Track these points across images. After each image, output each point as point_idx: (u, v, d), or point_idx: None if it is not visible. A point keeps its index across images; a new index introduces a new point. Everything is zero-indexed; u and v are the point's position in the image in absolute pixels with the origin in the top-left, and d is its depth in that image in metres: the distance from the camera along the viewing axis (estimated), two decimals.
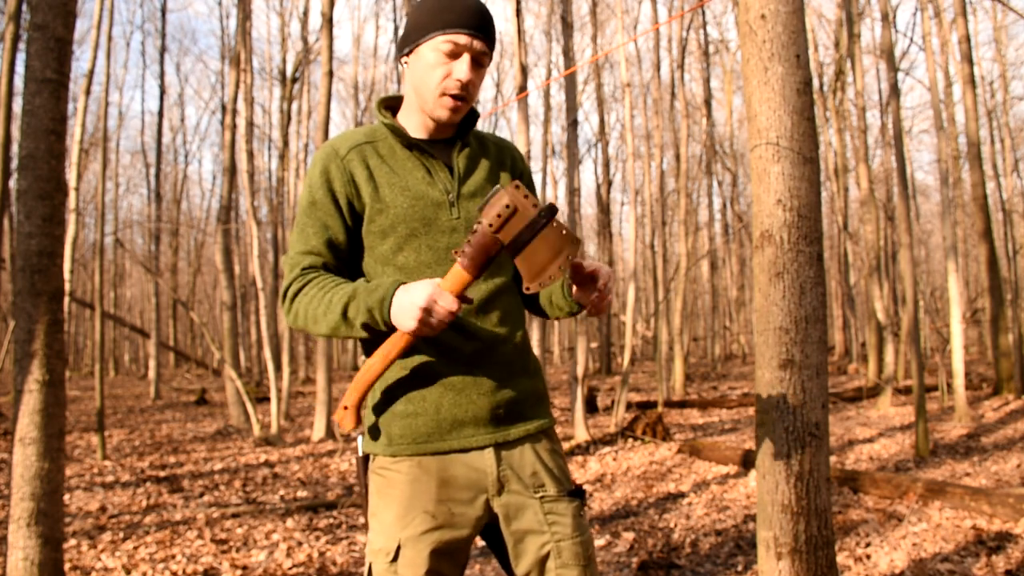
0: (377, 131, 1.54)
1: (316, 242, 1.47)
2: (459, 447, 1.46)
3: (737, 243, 24.46)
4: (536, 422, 1.54)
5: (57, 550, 3.28)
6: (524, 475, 1.49)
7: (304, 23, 17.59)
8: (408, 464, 1.46)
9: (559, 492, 1.50)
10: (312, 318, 1.41)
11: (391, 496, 1.47)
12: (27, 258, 3.27)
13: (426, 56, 1.46)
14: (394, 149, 1.51)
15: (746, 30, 2.47)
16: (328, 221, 1.48)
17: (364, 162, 1.49)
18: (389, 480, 1.48)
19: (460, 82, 1.44)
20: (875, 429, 8.24)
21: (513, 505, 1.48)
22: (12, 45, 5.92)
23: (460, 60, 1.45)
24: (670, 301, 14.73)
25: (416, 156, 1.51)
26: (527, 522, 1.48)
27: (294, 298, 1.45)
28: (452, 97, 1.46)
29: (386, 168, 1.49)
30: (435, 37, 1.44)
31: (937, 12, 11.64)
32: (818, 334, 2.38)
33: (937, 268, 31.04)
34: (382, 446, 1.49)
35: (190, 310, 10.02)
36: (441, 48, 1.44)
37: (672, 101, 15.15)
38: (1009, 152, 18.10)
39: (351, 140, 1.52)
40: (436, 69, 1.45)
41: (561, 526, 1.47)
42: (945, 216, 10.83)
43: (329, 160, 1.49)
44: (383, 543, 1.44)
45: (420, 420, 1.46)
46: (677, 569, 3.78)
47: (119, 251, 24.37)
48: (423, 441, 1.46)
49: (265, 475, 6.71)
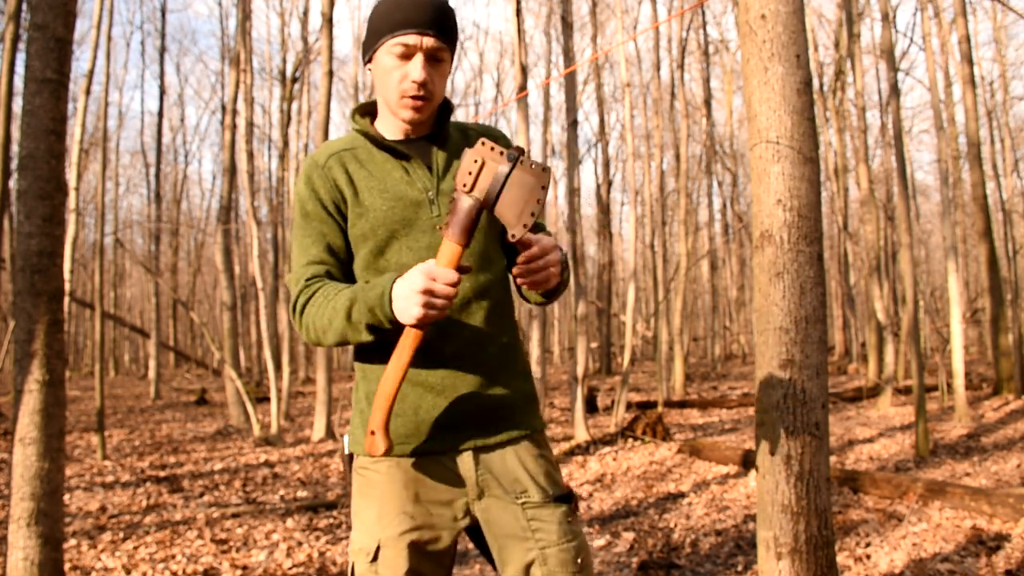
0: (356, 138, 1.55)
1: (316, 251, 1.48)
2: (436, 449, 1.44)
3: (737, 243, 24.45)
4: (520, 426, 1.50)
5: (57, 550, 3.28)
6: (505, 481, 1.46)
7: (304, 23, 17.57)
8: (387, 464, 1.45)
9: (543, 498, 1.46)
10: (320, 329, 1.41)
11: (371, 496, 1.47)
12: (27, 258, 3.27)
13: (382, 61, 1.46)
14: (372, 153, 1.52)
15: (746, 30, 2.47)
16: (323, 228, 1.48)
17: (344, 168, 1.49)
18: (369, 480, 1.48)
19: (416, 83, 1.43)
20: (875, 429, 8.24)
21: (493, 510, 1.46)
22: (12, 45, 5.92)
23: (413, 61, 1.44)
24: (670, 301, 14.73)
25: (393, 158, 1.51)
26: (509, 528, 1.45)
27: (302, 312, 1.44)
28: (412, 98, 1.45)
29: (364, 172, 1.49)
30: (386, 41, 1.44)
31: (937, 12, 11.64)
32: (818, 334, 2.38)
33: (937, 268, 31.04)
34: (361, 446, 1.48)
35: (190, 310, 10.03)
36: (393, 51, 1.44)
37: (672, 101, 15.15)
38: (1009, 152, 18.09)
39: (330, 149, 1.53)
40: (392, 73, 1.45)
41: (545, 532, 1.44)
42: (945, 216, 10.84)
43: (312, 171, 1.50)
44: (364, 542, 1.44)
45: (399, 421, 1.44)
46: (677, 569, 3.78)
47: (119, 251, 24.38)
48: (401, 442, 1.44)
49: (265, 475, 6.71)
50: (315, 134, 14.50)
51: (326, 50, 9.49)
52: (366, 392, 1.48)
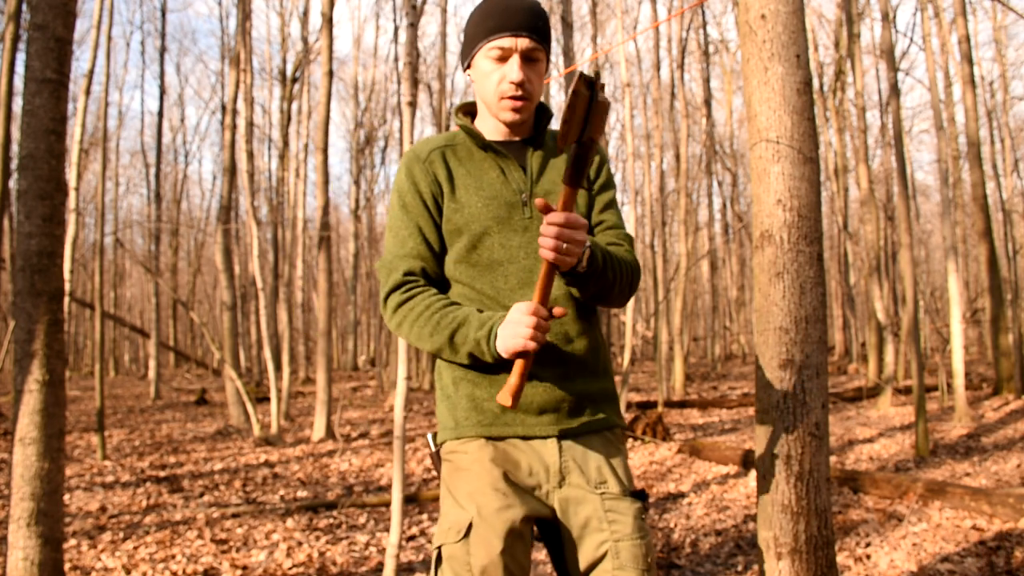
0: (456, 135, 1.61)
1: (412, 244, 1.54)
2: (522, 433, 1.48)
3: (737, 243, 24.45)
4: (602, 419, 1.54)
5: (57, 550, 3.28)
6: (587, 469, 1.48)
7: (304, 23, 17.56)
8: (476, 444, 1.49)
9: (621, 491, 1.49)
10: (417, 335, 1.49)
11: (460, 476, 1.49)
12: (27, 258, 3.27)
13: (481, 65, 1.53)
14: (471, 151, 1.58)
15: (746, 30, 2.47)
16: (420, 222, 1.54)
17: (444, 163, 1.56)
18: (457, 462, 1.50)
19: (514, 83, 1.49)
20: (875, 429, 8.24)
21: (573, 499, 1.47)
22: (12, 45, 5.92)
23: (510, 62, 1.50)
24: (670, 301, 14.73)
25: (491, 157, 1.56)
26: (586, 517, 1.46)
27: (397, 308, 1.51)
28: (511, 99, 1.51)
29: (463, 169, 1.56)
30: (483, 46, 1.51)
31: (937, 12, 11.64)
32: (818, 334, 2.38)
33: (937, 268, 31.04)
34: (449, 431, 1.53)
35: (190, 310, 10.02)
36: (490, 55, 1.50)
37: (672, 101, 15.16)
38: (1009, 152, 18.09)
39: (431, 144, 1.59)
40: (491, 76, 1.51)
41: (621, 525, 1.45)
42: (945, 216, 10.83)
43: (413, 164, 1.56)
44: (453, 519, 1.43)
45: (486, 405, 1.49)
46: (677, 569, 3.78)
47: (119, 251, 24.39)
48: (487, 424, 1.49)
49: (265, 475, 6.71)
50: (315, 134, 14.48)
51: (326, 50, 9.50)
52: (452, 378, 1.54)
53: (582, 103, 1.28)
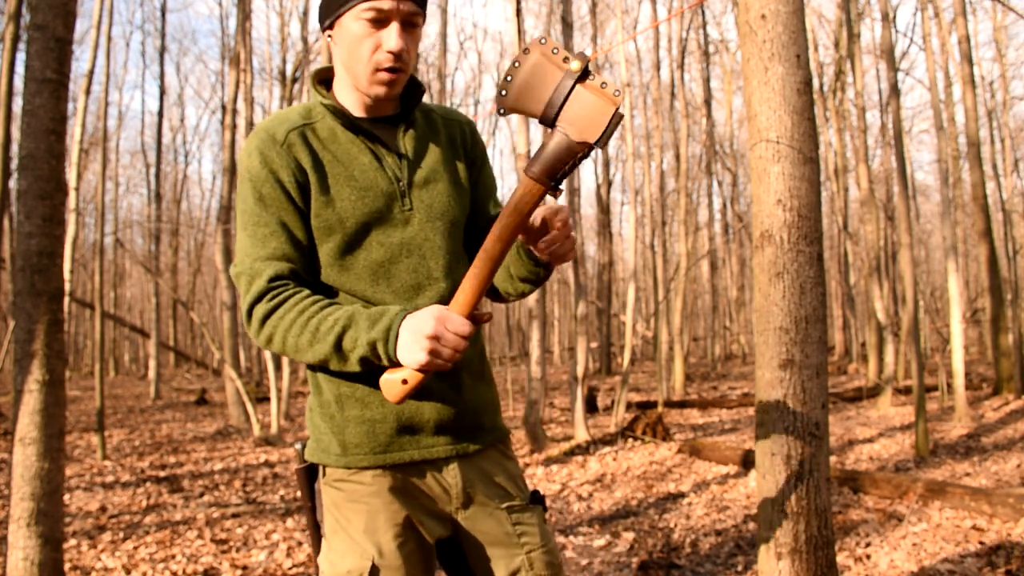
0: (314, 110, 1.35)
1: (276, 243, 1.28)
2: (420, 458, 1.34)
3: (737, 243, 24.46)
4: (494, 432, 1.45)
5: (57, 550, 3.28)
6: (489, 486, 1.40)
7: (304, 23, 17.57)
8: (370, 475, 1.33)
9: (524, 502, 1.43)
10: (294, 347, 1.25)
11: (354, 509, 1.33)
12: (27, 258, 3.27)
13: (350, 27, 1.27)
14: (335, 132, 1.33)
15: (746, 30, 2.47)
16: (284, 217, 1.29)
17: (307, 146, 1.30)
18: (349, 492, 1.33)
19: (392, 53, 1.26)
20: (875, 429, 8.24)
21: (479, 518, 1.39)
22: (12, 45, 5.92)
23: (388, 28, 1.26)
24: (670, 301, 14.73)
25: (361, 140, 1.34)
26: (493, 535, 1.39)
27: (264, 320, 1.26)
28: (387, 71, 1.28)
29: (329, 155, 1.31)
30: (356, 5, 1.25)
31: (937, 12, 11.65)
32: (818, 334, 2.38)
33: (937, 268, 31.04)
34: (334, 456, 1.34)
35: (190, 310, 10.03)
36: (364, 16, 1.25)
37: (672, 101, 15.16)
38: (1009, 152, 18.09)
39: (287, 123, 1.32)
40: (363, 42, 1.26)
41: (530, 536, 1.41)
42: (945, 216, 10.84)
43: (268, 148, 1.29)
44: (353, 563, 1.30)
45: (378, 427, 1.32)
46: (677, 569, 3.78)
47: (119, 251, 24.40)
48: (381, 451, 1.32)
49: (265, 475, 6.71)
50: None
51: (326, 50, 9.49)
52: (335, 395, 1.34)
53: (616, 119, 1.16)
